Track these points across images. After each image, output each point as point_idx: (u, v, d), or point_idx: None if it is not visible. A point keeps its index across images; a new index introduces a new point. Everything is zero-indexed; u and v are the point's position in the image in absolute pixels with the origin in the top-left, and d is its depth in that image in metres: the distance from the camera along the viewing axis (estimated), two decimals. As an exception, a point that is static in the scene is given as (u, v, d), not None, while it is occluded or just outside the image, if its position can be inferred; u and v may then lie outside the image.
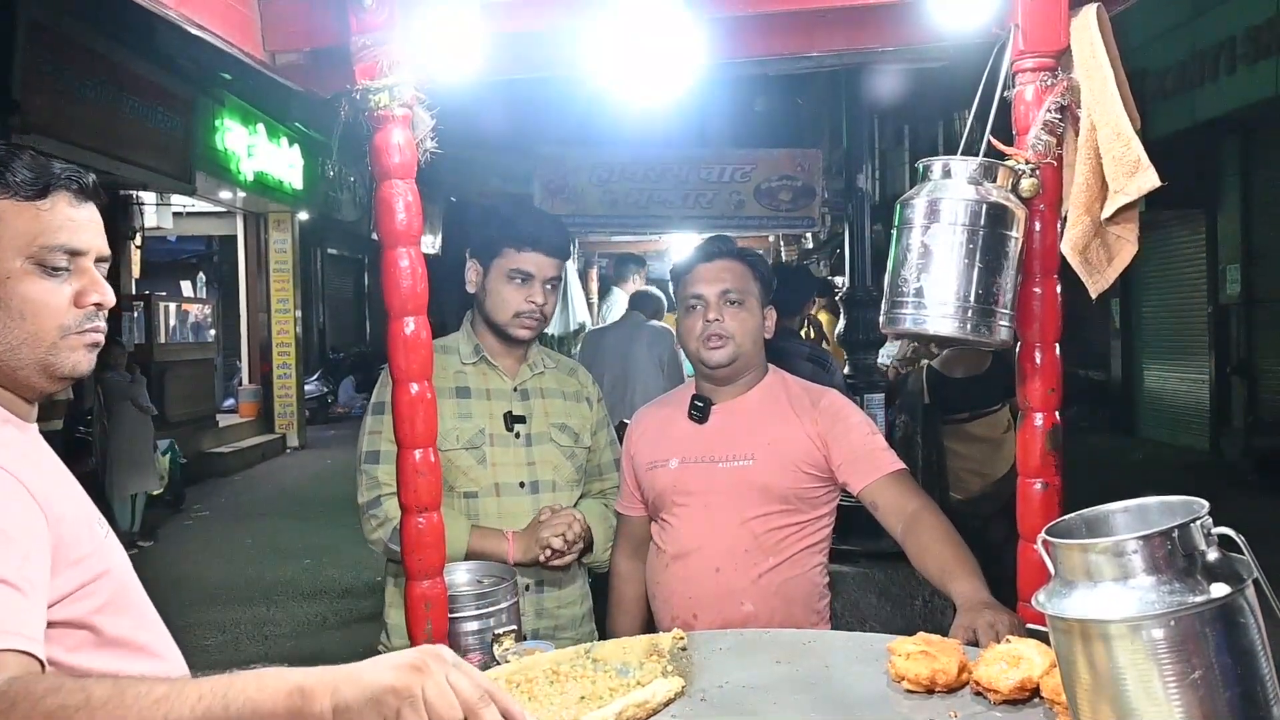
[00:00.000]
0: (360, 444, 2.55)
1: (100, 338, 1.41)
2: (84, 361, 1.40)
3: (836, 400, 2.56)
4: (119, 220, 12.21)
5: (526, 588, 2.56)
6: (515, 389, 2.65)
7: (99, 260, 1.41)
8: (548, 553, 2.48)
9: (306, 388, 17.31)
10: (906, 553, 2.31)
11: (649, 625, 2.58)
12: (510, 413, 2.61)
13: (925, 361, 4.67)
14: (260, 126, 13.89)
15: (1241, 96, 10.43)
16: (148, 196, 12.96)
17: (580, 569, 2.71)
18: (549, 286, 2.62)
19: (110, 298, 1.41)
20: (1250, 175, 11.82)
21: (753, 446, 2.46)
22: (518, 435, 2.61)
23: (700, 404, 2.55)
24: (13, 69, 8.19)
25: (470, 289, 2.66)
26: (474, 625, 2.16)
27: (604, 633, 2.66)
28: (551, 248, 2.62)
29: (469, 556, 2.44)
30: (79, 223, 1.37)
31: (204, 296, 19.26)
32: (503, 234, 2.62)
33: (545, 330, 2.78)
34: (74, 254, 1.36)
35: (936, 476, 4.38)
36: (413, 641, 2.14)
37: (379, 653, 2.67)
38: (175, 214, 14.34)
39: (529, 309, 2.58)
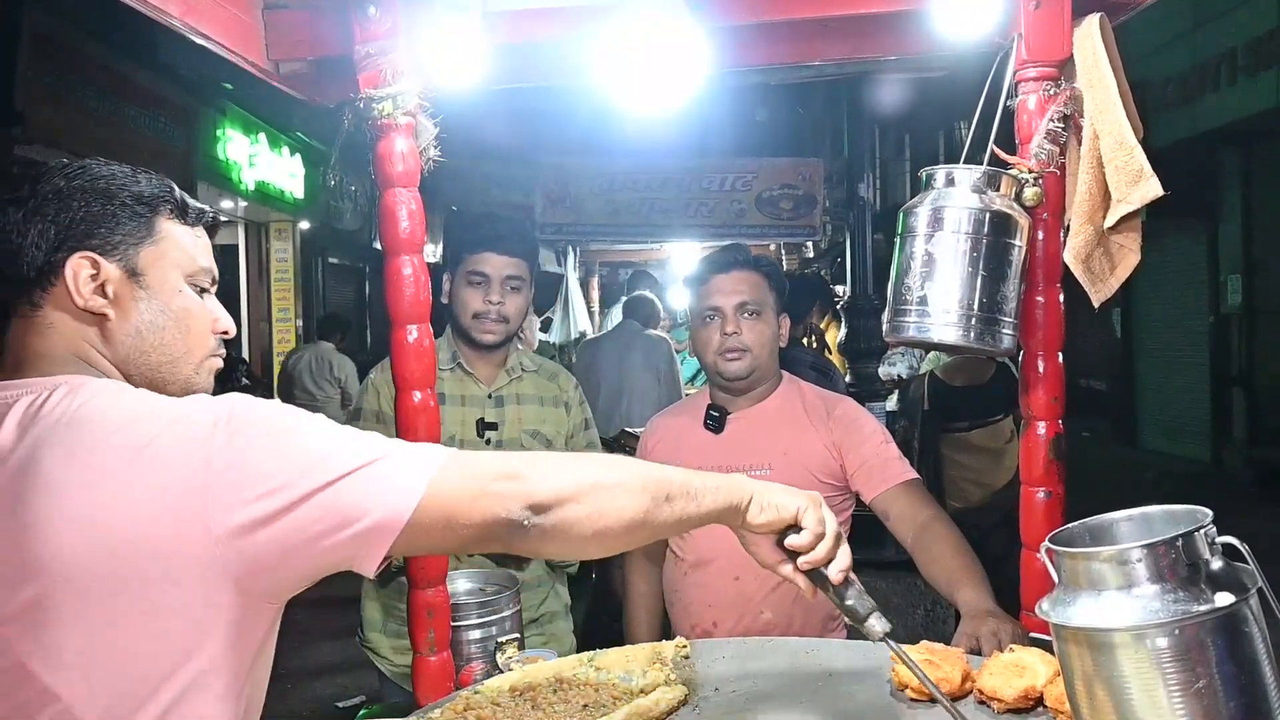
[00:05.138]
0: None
1: (222, 365, 1.47)
2: (211, 384, 1.46)
3: (851, 409, 2.56)
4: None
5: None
6: (490, 395, 2.70)
7: None
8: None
9: (307, 396, 17.27)
10: (916, 562, 2.30)
11: (665, 631, 2.58)
12: (482, 419, 2.65)
13: (928, 369, 4.67)
14: (262, 136, 13.90)
15: (1243, 107, 10.44)
16: (149, 206, 12.94)
17: (552, 573, 2.72)
18: (509, 287, 2.66)
19: (233, 328, 1.49)
20: (1251, 186, 11.81)
21: (770, 456, 2.46)
22: (488, 441, 2.65)
23: (716, 414, 2.54)
24: (15, 79, 8.19)
25: (444, 300, 2.70)
26: (477, 633, 2.16)
27: (600, 638, 2.67)
28: (507, 248, 2.65)
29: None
30: (212, 255, 1.48)
31: (205, 305, 19.26)
32: (462, 241, 2.68)
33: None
34: (213, 281, 1.47)
35: (932, 483, 4.38)
36: (415, 649, 2.14)
37: (360, 648, 2.69)
38: (177, 223, 14.34)
39: (486, 309, 2.63)
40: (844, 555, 1.50)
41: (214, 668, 1.21)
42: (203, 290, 1.43)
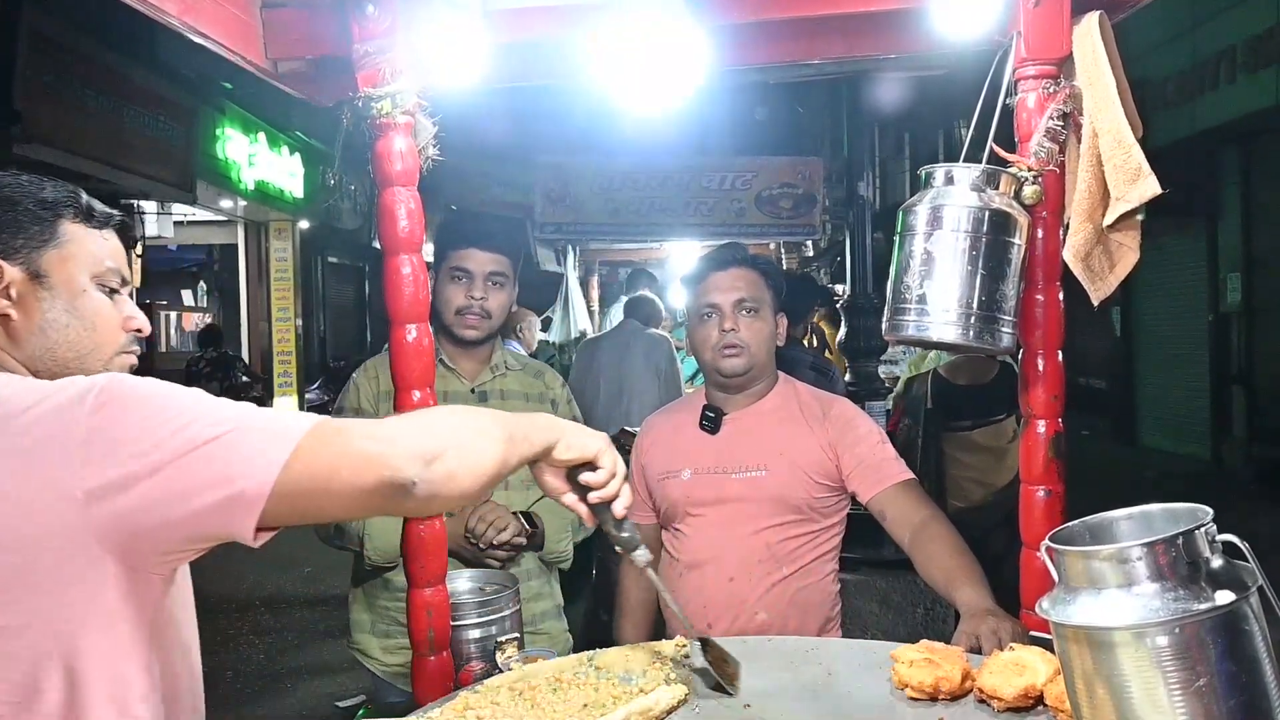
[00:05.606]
0: None
1: (136, 362, 1.53)
2: None
3: (847, 409, 2.56)
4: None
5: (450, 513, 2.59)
6: (473, 390, 2.71)
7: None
8: (486, 543, 2.51)
9: (307, 396, 17.26)
10: (914, 562, 2.30)
11: (657, 632, 2.58)
12: None
13: (931, 367, 4.68)
14: (261, 135, 13.89)
15: (1242, 106, 10.43)
16: (149, 205, 12.94)
17: (548, 571, 2.72)
18: (492, 283, 2.66)
19: (148, 326, 1.55)
20: (1251, 184, 11.81)
21: (765, 457, 2.46)
22: None
23: (711, 414, 2.54)
24: (14, 79, 8.19)
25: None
26: (476, 633, 2.16)
27: (600, 637, 2.66)
28: (490, 244, 2.66)
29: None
30: (126, 256, 1.54)
31: (205, 305, 19.25)
32: (445, 239, 2.69)
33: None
34: (123, 282, 1.51)
35: (935, 482, 4.38)
36: (415, 648, 2.14)
37: (353, 654, 2.70)
38: (176, 223, 14.34)
39: (468, 304, 2.63)
40: (626, 494, 1.68)
41: (110, 641, 1.24)
42: (113, 290, 1.48)
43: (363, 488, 1.25)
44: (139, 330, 1.51)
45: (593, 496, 1.65)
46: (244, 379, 11.62)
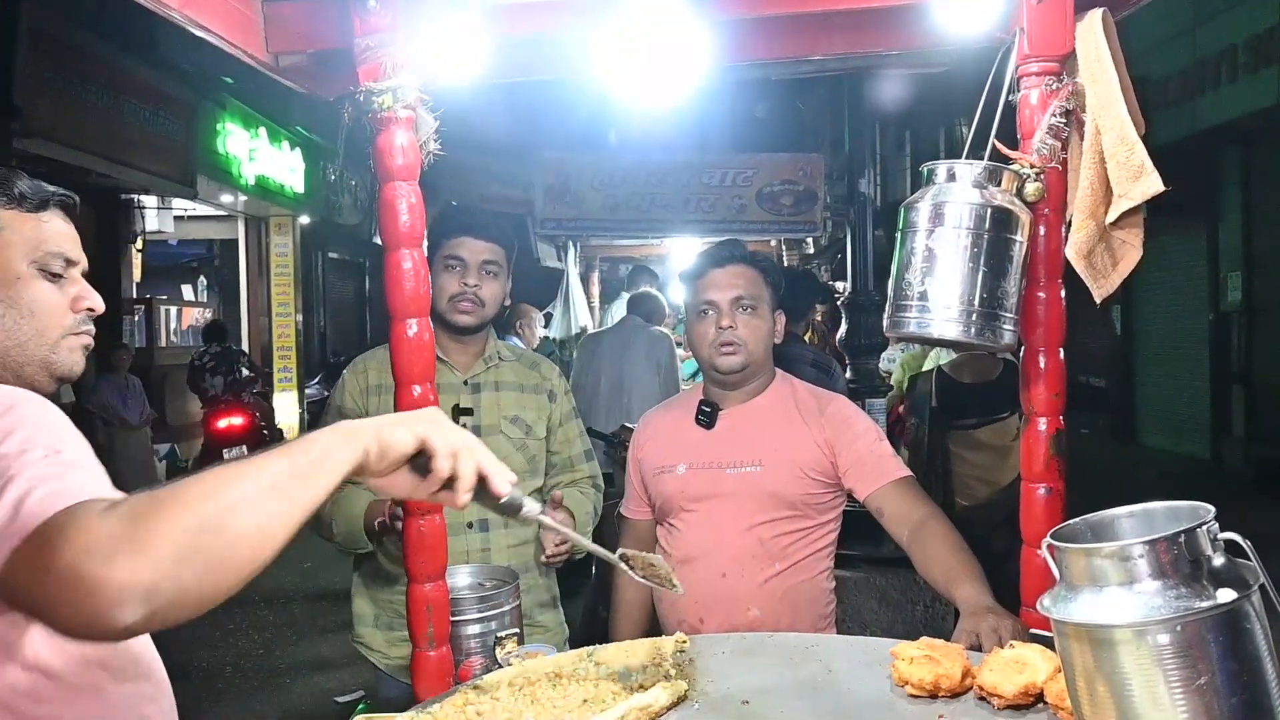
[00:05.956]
0: None
1: (91, 341, 1.53)
2: (79, 363, 1.52)
3: (844, 407, 2.56)
4: (120, 224, 12.22)
5: (470, 525, 2.62)
6: (466, 382, 2.72)
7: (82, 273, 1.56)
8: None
9: (307, 391, 17.27)
10: (912, 559, 2.30)
11: (652, 628, 2.58)
12: (458, 405, 2.67)
13: (936, 365, 4.67)
14: (262, 130, 13.89)
15: (1243, 105, 10.44)
16: (149, 200, 12.95)
17: (538, 565, 2.73)
18: (486, 272, 2.69)
19: (100, 304, 1.53)
20: (1251, 183, 11.82)
21: (760, 453, 2.46)
22: (464, 427, 2.63)
23: (708, 409, 2.54)
24: (14, 74, 8.19)
25: None
26: (475, 628, 2.16)
27: (599, 634, 2.66)
28: (484, 233, 2.69)
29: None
30: (71, 236, 1.52)
31: (205, 300, 19.24)
32: (439, 229, 2.71)
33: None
34: (69, 263, 1.50)
35: (940, 480, 4.38)
36: (415, 644, 2.14)
37: (355, 647, 2.70)
38: (176, 218, 14.33)
39: (461, 291, 2.66)
40: (481, 464, 1.38)
41: None
42: (55, 274, 1.47)
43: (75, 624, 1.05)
44: (90, 309, 1.50)
45: (449, 494, 1.38)
46: (247, 373, 11.63)
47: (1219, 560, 1.26)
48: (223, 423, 11.14)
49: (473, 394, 2.71)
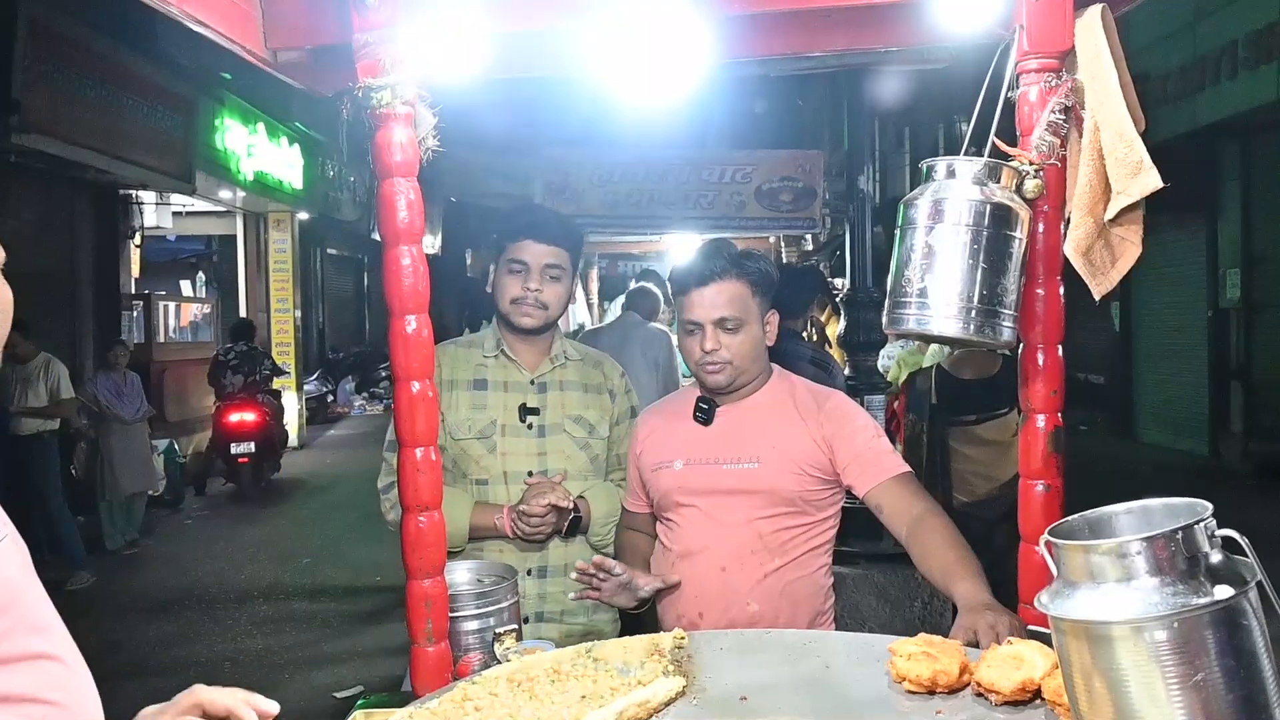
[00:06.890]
0: (388, 430, 2.58)
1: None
2: None
3: (842, 403, 2.56)
4: (118, 220, 12.20)
5: (529, 572, 2.65)
6: (533, 381, 2.75)
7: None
8: (533, 520, 2.57)
9: (306, 387, 17.28)
10: (911, 556, 2.30)
11: (650, 612, 2.57)
12: (525, 404, 2.71)
13: (935, 361, 4.67)
14: (260, 126, 13.88)
15: (1243, 101, 10.43)
16: (147, 196, 12.92)
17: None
18: (549, 276, 2.70)
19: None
20: (1251, 180, 11.81)
21: (758, 449, 2.46)
22: (530, 426, 2.71)
23: (705, 406, 2.55)
24: (13, 68, 8.17)
25: (489, 290, 2.78)
26: (474, 624, 2.16)
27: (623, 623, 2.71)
28: (546, 236, 2.70)
29: (471, 531, 2.61)
30: None
31: (203, 296, 19.22)
32: (503, 231, 2.74)
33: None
34: None
35: (940, 477, 4.39)
36: (413, 640, 2.14)
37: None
38: (175, 213, 14.31)
39: (523, 295, 2.68)
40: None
41: None
42: None
43: None
44: None
45: None
46: (267, 373, 12.10)
47: (1216, 557, 1.26)
48: (234, 417, 11.40)
49: (539, 393, 2.74)
